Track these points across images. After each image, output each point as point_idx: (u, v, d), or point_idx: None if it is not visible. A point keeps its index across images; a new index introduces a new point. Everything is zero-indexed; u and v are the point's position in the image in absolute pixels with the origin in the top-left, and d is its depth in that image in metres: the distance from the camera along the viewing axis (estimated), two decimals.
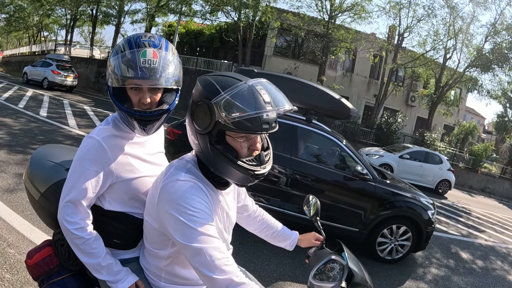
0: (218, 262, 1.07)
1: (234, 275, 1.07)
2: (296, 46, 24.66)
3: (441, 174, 13.69)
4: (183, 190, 1.14)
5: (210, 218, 1.14)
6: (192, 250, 1.08)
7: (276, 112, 1.15)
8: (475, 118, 42.45)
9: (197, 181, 1.19)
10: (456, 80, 20.93)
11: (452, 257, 5.99)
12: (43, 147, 1.74)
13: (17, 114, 9.74)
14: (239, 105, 1.08)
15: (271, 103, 1.12)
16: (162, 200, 1.16)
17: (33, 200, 1.56)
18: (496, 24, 19.63)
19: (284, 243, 1.74)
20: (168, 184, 1.16)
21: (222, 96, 1.10)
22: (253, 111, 1.07)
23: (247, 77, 1.17)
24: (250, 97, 1.10)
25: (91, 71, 25.77)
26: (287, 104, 1.16)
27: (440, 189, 13.77)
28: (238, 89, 1.10)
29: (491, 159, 23.05)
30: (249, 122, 1.09)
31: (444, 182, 13.79)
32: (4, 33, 48.41)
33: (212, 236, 1.11)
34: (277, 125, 1.18)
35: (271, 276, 3.75)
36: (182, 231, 1.09)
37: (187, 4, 21.85)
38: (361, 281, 1.43)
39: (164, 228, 1.16)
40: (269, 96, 1.13)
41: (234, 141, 1.16)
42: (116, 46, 1.29)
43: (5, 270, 2.72)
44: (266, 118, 1.11)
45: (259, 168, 1.19)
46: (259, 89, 1.12)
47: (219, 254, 1.09)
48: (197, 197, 1.14)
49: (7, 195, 4.16)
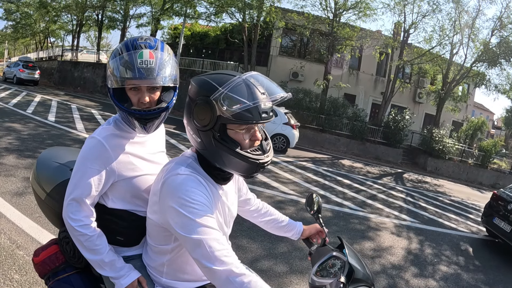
0: (218, 253, 1.08)
1: (234, 266, 1.08)
2: (302, 45, 24.63)
3: (274, 129, 12.93)
4: (182, 183, 1.17)
5: (209, 210, 1.17)
6: (192, 242, 1.10)
7: (272, 101, 1.20)
8: (484, 113, 41.90)
9: (197, 175, 1.23)
10: (463, 75, 20.70)
11: (461, 254, 5.94)
12: (49, 149, 1.78)
13: (26, 119, 9.87)
14: (237, 97, 1.13)
15: (266, 93, 1.18)
16: (163, 194, 1.19)
17: (39, 200, 1.61)
18: (502, 18, 19.37)
19: (290, 233, 1.79)
20: (169, 179, 1.19)
21: (221, 91, 1.14)
22: (252, 102, 1.12)
23: (238, 73, 1.21)
24: (246, 89, 1.15)
25: (98, 76, 25.98)
26: (281, 92, 1.21)
27: (276, 145, 12.98)
28: (234, 83, 1.15)
29: (501, 155, 22.79)
30: (249, 112, 1.14)
31: (279, 137, 13.10)
32: (11, 40, 48.99)
33: (212, 228, 1.13)
34: (273, 114, 1.23)
35: (275, 272, 3.77)
36: (182, 223, 1.12)
37: (191, 6, 21.93)
38: (362, 277, 1.43)
39: (166, 222, 1.19)
40: (263, 87, 1.19)
41: (236, 134, 1.20)
42: (114, 49, 1.34)
43: (14, 271, 2.77)
44: (263, 107, 1.16)
45: (263, 156, 1.24)
46: (253, 81, 1.17)
47: (219, 245, 1.10)
48: (196, 190, 1.17)
49: (16, 198, 4.23)
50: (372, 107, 24.52)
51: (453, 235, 7.02)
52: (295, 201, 6.70)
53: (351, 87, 21.91)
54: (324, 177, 9.97)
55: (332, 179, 9.94)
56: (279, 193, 6.99)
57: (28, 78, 22.99)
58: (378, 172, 14.33)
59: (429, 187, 13.54)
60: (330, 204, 7.08)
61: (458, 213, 9.46)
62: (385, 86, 21.88)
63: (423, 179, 15.54)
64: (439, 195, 11.93)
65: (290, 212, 5.95)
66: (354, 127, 19.34)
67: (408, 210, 8.23)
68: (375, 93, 24.29)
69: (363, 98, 24.03)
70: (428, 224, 7.33)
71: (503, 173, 20.70)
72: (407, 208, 8.43)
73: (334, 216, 6.38)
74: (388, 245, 5.51)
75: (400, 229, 6.50)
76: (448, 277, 4.84)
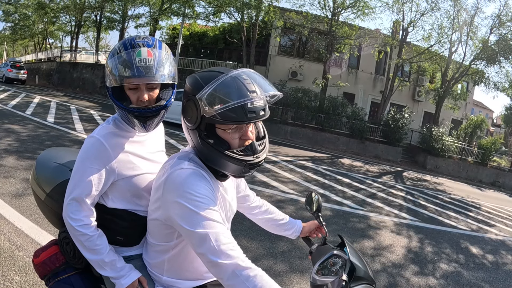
0: (223, 247, 1.07)
1: (240, 260, 1.07)
2: (301, 44, 24.62)
3: None
4: (187, 177, 1.15)
5: (214, 204, 1.15)
6: (198, 236, 1.08)
7: (263, 100, 1.16)
8: (483, 111, 41.95)
9: (200, 169, 1.22)
10: (462, 73, 20.73)
11: (461, 252, 5.94)
12: (48, 149, 1.78)
13: (25, 121, 9.87)
14: (220, 96, 1.10)
15: (257, 91, 1.13)
16: (167, 189, 1.17)
17: (39, 201, 1.61)
18: (501, 16, 19.37)
19: (289, 232, 1.78)
20: (172, 174, 1.18)
21: (204, 90, 1.12)
22: (235, 101, 1.09)
23: (232, 69, 1.18)
24: (231, 87, 1.11)
25: (96, 76, 25.98)
26: (272, 91, 1.17)
27: None
28: (219, 81, 1.12)
29: (500, 153, 22.79)
30: (233, 112, 1.10)
31: None
32: (10, 42, 48.99)
33: (217, 222, 1.11)
34: (267, 112, 1.19)
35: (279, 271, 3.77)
36: (187, 217, 1.10)
37: (190, 6, 21.93)
38: (363, 275, 1.43)
39: (170, 218, 1.17)
40: (254, 84, 1.14)
41: (224, 133, 1.18)
42: (112, 48, 1.35)
43: (13, 272, 2.77)
44: (251, 106, 1.11)
45: (252, 157, 1.20)
46: (242, 78, 1.13)
47: (225, 239, 1.09)
48: (201, 183, 1.16)
49: (16, 199, 4.23)
50: (371, 106, 24.52)
51: (453, 233, 7.02)
52: (294, 200, 6.70)
53: (350, 86, 21.93)
54: (324, 176, 9.97)
55: (331, 178, 9.94)
56: (279, 192, 6.99)
57: (15, 77, 25.51)
58: (377, 170, 14.34)
59: (429, 185, 13.55)
60: (330, 203, 7.08)
61: (458, 211, 9.47)
62: (384, 84, 21.89)
63: (422, 177, 15.55)
64: (439, 193, 11.93)
65: (289, 211, 5.95)
66: (353, 126, 19.34)
67: (408, 209, 8.24)
68: (374, 92, 24.29)
69: (362, 96, 24.04)
70: (428, 222, 7.34)
71: (502, 170, 20.70)
72: (407, 207, 8.43)
73: (334, 215, 6.38)
74: (388, 243, 5.51)
75: (400, 228, 6.51)
76: (448, 275, 4.84)
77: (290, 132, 18.90)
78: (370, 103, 24.51)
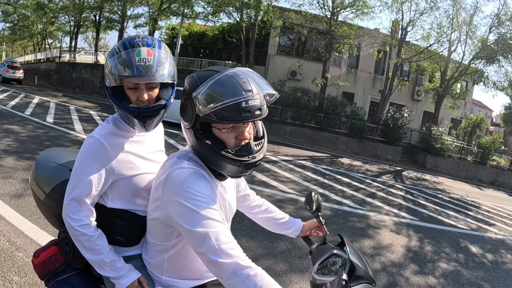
0: (224, 246, 1.07)
1: (240, 259, 1.06)
2: (300, 44, 24.60)
3: None
4: (186, 176, 1.15)
5: (214, 203, 1.15)
6: (198, 235, 1.08)
7: (259, 99, 1.14)
8: (483, 110, 41.92)
9: (200, 169, 1.21)
10: (461, 72, 20.73)
11: (461, 251, 5.95)
12: (48, 150, 1.78)
13: (24, 121, 9.85)
14: (214, 95, 1.09)
15: (253, 90, 1.12)
16: (167, 189, 1.17)
17: (38, 201, 1.60)
18: (500, 15, 19.38)
19: (290, 231, 1.78)
20: (172, 173, 1.18)
21: (199, 88, 1.11)
22: (229, 100, 1.08)
23: (229, 68, 1.17)
24: (226, 86, 1.10)
25: (96, 77, 25.95)
26: (269, 90, 1.16)
27: None
28: (214, 80, 1.11)
29: (500, 152, 22.79)
30: (227, 111, 1.09)
31: None
32: (9, 42, 48.92)
33: (217, 221, 1.11)
34: (264, 112, 1.17)
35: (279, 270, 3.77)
36: (187, 216, 1.10)
37: (189, 6, 21.91)
38: (363, 274, 1.43)
39: (169, 218, 1.17)
40: (251, 83, 1.13)
41: (220, 133, 1.18)
42: (112, 48, 1.35)
43: (13, 273, 2.77)
44: (245, 106, 1.10)
45: (247, 158, 1.19)
46: (238, 77, 1.12)
47: (225, 238, 1.09)
48: (200, 182, 1.15)
49: (15, 200, 4.22)
50: (371, 105, 24.52)
51: (453, 232, 7.03)
52: (294, 199, 6.70)
53: (350, 85, 21.93)
54: (323, 176, 9.97)
55: (331, 178, 9.94)
56: (278, 192, 6.99)
57: (11, 77, 26.10)
58: (377, 170, 14.34)
59: (428, 184, 13.55)
60: (330, 202, 7.08)
61: (457, 210, 9.47)
62: (384, 84, 21.88)
63: (422, 176, 15.55)
64: (439, 193, 11.94)
65: (289, 211, 5.94)
66: (352, 125, 19.34)
67: (408, 208, 8.24)
68: (373, 91, 24.29)
69: (361, 96, 24.04)
70: (428, 222, 7.34)
71: (502, 170, 20.71)
72: (407, 206, 8.43)
73: (334, 214, 6.38)
74: (387, 243, 5.52)
75: (399, 227, 6.51)
76: (448, 274, 4.84)
77: (290, 131, 18.90)
78: (369, 103, 24.50)
